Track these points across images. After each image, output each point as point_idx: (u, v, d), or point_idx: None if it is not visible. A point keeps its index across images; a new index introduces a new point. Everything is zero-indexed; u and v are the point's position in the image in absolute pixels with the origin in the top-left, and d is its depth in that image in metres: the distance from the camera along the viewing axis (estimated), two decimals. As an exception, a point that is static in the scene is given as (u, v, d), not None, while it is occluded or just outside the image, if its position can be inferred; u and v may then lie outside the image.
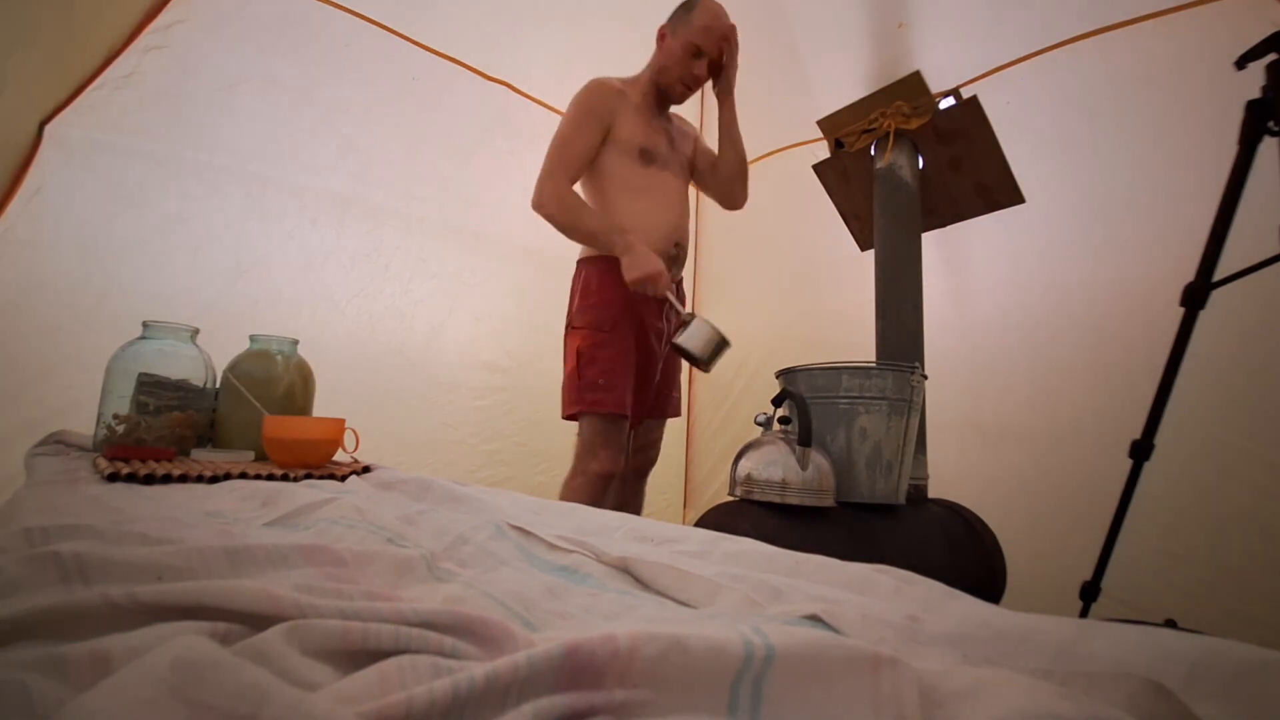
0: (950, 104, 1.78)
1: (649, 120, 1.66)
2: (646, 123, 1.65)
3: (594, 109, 1.58)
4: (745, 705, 0.29)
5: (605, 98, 1.60)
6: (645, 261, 1.44)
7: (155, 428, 1.20)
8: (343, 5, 2.11)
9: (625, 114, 1.61)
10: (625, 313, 1.56)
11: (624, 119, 1.61)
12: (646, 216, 1.58)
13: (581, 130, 1.56)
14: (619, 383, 1.51)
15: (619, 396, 1.51)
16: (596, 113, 1.57)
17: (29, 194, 1.67)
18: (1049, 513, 1.87)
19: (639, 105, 1.65)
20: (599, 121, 1.58)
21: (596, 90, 1.60)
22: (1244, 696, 0.30)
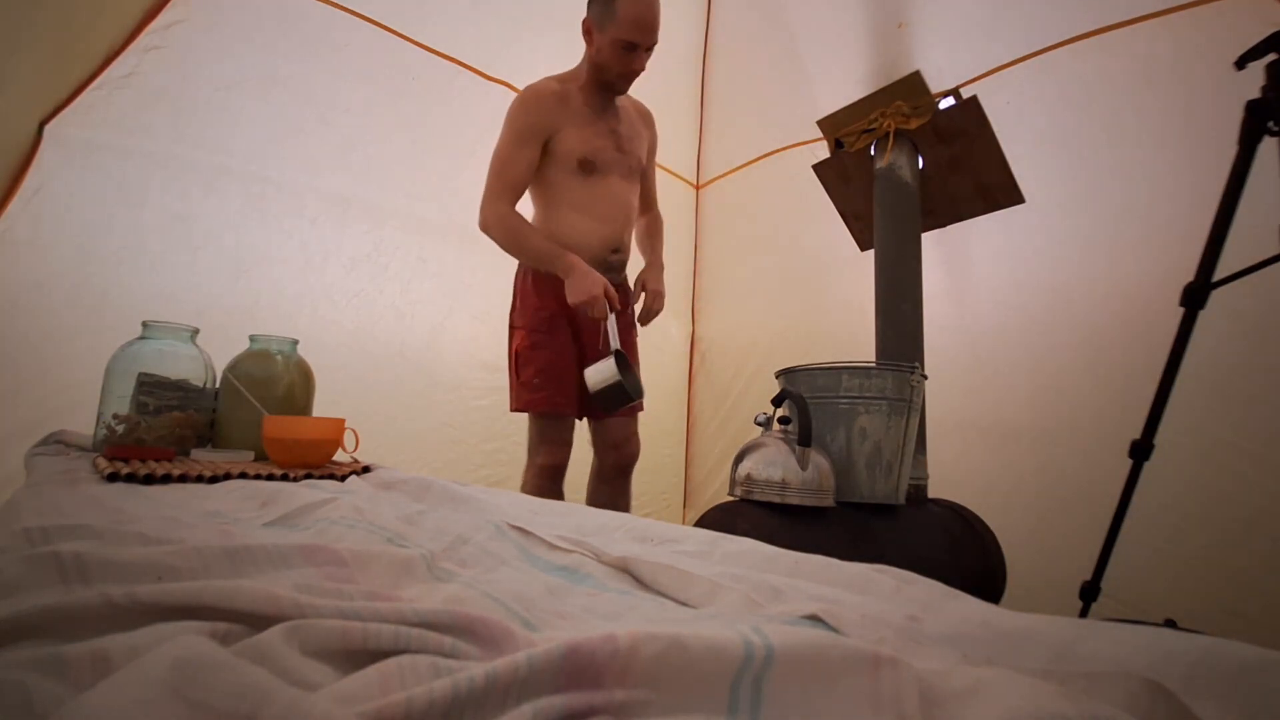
0: (950, 104, 1.78)
1: (591, 123, 1.59)
2: (589, 126, 1.58)
3: (530, 126, 1.55)
4: (745, 705, 0.29)
5: (540, 111, 1.56)
6: (587, 284, 1.45)
7: (155, 428, 1.20)
8: (343, 5, 2.11)
9: (565, 121, 1.56)
10: (561, 314, 1.58)
11: (564, 128, 1.56)
12: (584, 228, 1.59)
13: (519, 149, 1.55)
14: (552, 383, 1.57)
15: (551, 396, 1.57)
16: (533, 129, 1.56)
17: (29, 194, 1.67)
18: (1049, 513, 1.87)
19: (580, 106, 1.58)
20: (535, 137, 1.56)
21: (532, 103, 1.56)
22: (1244, 696, 0.30)
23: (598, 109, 1.60)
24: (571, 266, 1.48)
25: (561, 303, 1.56)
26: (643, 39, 1.49)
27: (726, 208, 3.06)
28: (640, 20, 1.47)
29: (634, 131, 1.67)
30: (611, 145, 1.61)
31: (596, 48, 1.53)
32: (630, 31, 1.47)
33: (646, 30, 1.49)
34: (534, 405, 1.59)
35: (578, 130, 1.57)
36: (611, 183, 1.61)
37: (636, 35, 1.48)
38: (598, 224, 1.60)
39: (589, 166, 1.58)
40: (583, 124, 1.58)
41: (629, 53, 1.50)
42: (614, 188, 1.62)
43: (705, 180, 3.12)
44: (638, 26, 1.47)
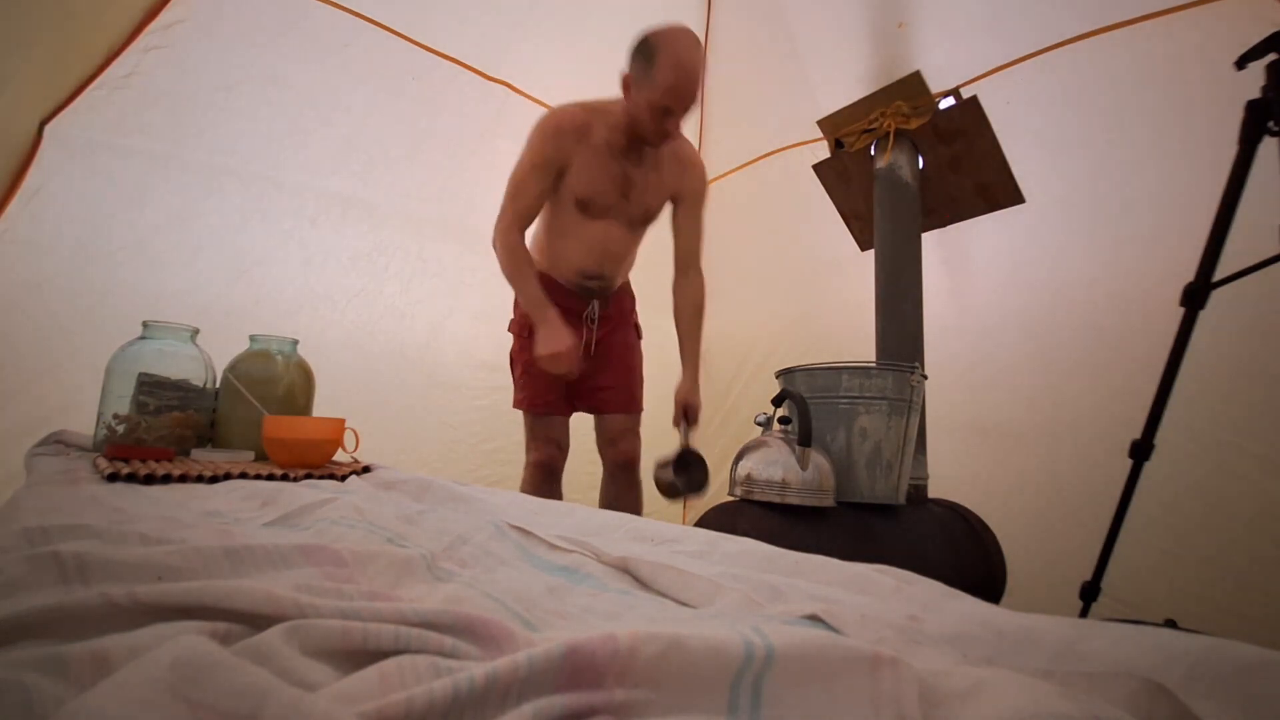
0: (950, 104, 1.78)
1: (605, 164, 1.57)
2: (601, 167, 1.56)
3: (546, 158, 1.55)
4: (745, 705, 0.29)
5: (559, 145, 1.55)
6: (554, 340, 1.49)
7: (155, 428, 1.20)
8: (343, 5, 2.11)
9: (580, 156, 1.55)
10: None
11: (576, 162, 1.56)
12: (565, 252, 1.65)
13: (532, 179, 1.56)
14: (535, 383, 1.66)
15: (532, 396, 1.68)
16: (548, 161, 1.55)
17: (29, 194, 1.67)
18: (1049, 513, 1.87)
19: (599, 143, 1.55)
20: (550, 166, 1.55)
21: (551, 135, 1.55)
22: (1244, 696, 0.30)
23: (618, 150, 1.57)
24: (545, 320, 1.52)
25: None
26: (679, 106, 1.46)
27: (726, 208, 3.05)
28: (678, 88, 1.43)
29: (656, 181, 1.63)
30: (616, 190, 1.59)
31: (633, 104, 1.49)
32: (666, 97, 1.44)
33: (683, 99, 1.45)
34: (520, 403, 1.72)
35: (587, 168, 1.56)
36: (607, 225, 1.62)
37: (673, 102, 1.44)
38: (579, 254, 1.64)
39: (585, 206, 1.59)
40: (594, 163, 1.56)
41: (666, 116, 1.47)
42: (608, 230, 1.62)
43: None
44: (675, 94, 1.44)
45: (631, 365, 1.76)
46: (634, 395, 1.76)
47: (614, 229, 1.63)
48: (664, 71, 1.42)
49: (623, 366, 1.74)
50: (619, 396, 1.74)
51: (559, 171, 1.57)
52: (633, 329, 1.79)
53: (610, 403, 1.73)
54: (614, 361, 1.72)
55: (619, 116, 1.55)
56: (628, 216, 1.63)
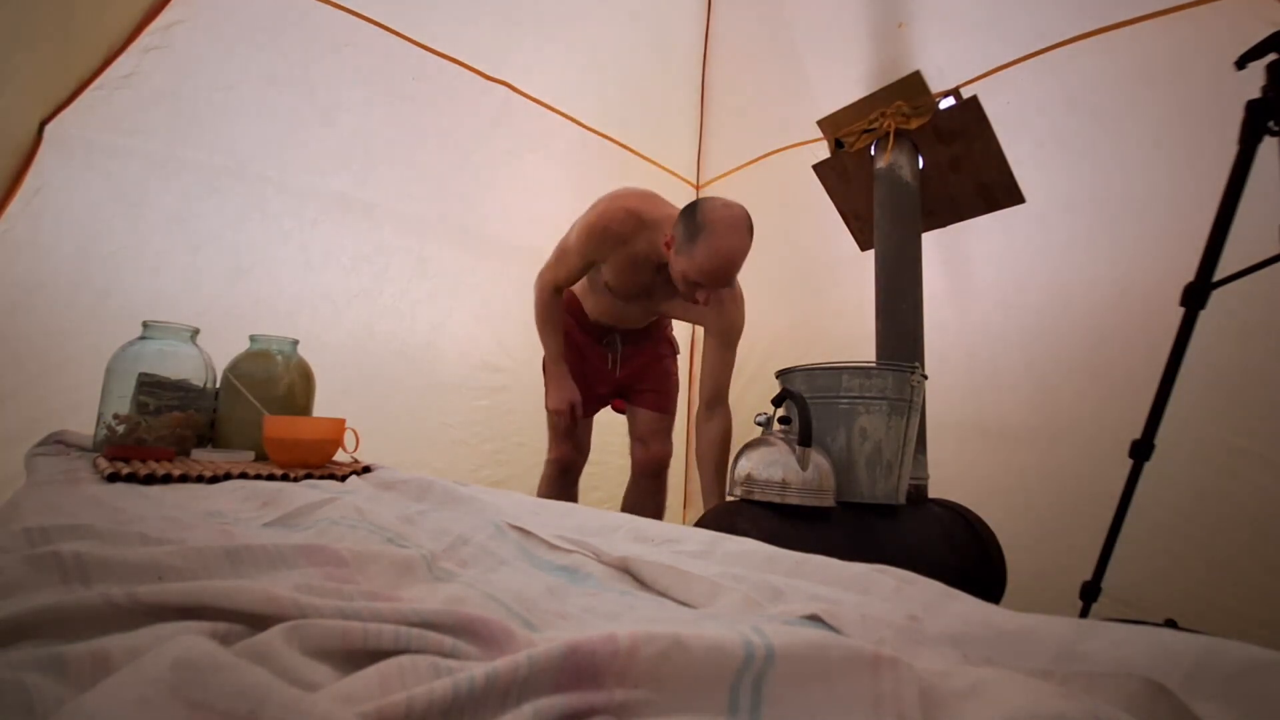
0: (950, 104, 1.78)
1: (638, 271, 1.60)
2: (634, 272, 1.61)
3: (586, 250, 1.60)
4: (745, 705, 0.29)
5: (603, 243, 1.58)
6: (560, 395, 1.70)
7: (155, 428, 1.20)
8: (343, 5, 2.11)
9: (617, 256, 1.59)
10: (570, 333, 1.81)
11: (613, 259, 1.60)
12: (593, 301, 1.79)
13: (578, 258, 1.63)
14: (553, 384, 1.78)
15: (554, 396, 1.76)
16: (589, 254, 1.61)
17: (29, 194, 1.67)
18: (1049, 513, 1.87)
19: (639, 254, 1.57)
20: (588, 259, 1.63)
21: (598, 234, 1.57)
22: (1244, 696, 0.30)
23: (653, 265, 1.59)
24: (557, 375, 1.72)
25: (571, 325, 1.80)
26: (712, 285, 1.43)
27: (726, 208, 3.05)
28: (714, 273, 1.40)
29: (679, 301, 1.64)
30: (642, 293, 1.68)
31: (671, 260, 1.47)
32: (701, 277, 1.41)
33: (718, 282, 1.43)
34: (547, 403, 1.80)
35: (621, 269, 1.61)
36: (634, 305, 1.74)
37: (707, 282, 1.42)
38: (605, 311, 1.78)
39: (612, 291, 1.70)
40: (629, 267, 1.60)
41: (695, 289, 1.45)
42: (625, 310, 1.76)
43: (705, 180, 3.12)
44: (710, 277, 1.41)
45: (667, 371, 1.87)
46: (670, 398, 1.86)
47: (640, 308, 1.76)
48: (704, 253, 1.39)
49: (658, 371, 1.85)
50: (653, 396, 1.84)
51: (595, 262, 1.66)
52: (665, 343, 1.91)
53: (645, 398, 1.83)
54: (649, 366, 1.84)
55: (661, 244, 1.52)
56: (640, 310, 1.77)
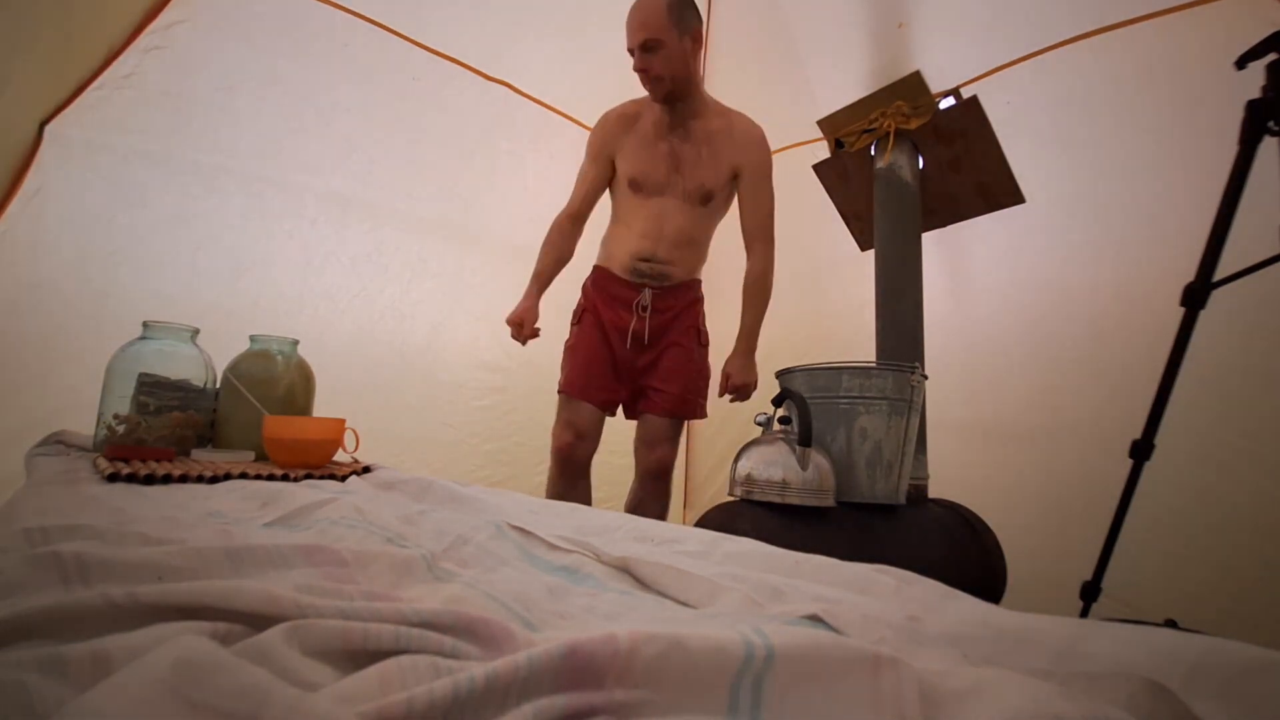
0: (950, 104, 1.78)
1: (651, 144, 1.66)
2: (648, 147, 1.66)
3: (594, 148, 1.72)
4: (745, 705, 0.29)
5: (604, 133, 1.71)
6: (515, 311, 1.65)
7: (155, 428, 1.20)
8: (343, 5, 2.11)
9: (628, 142, 1.68)
10: (590, 310, 1.74)
11: (625, 149, 1.68)
12: (620, 238, 1.73)
13: (587, 167, 1.74)
14: (571, 367, 1.73)
15: (565, 377, 1.72)
16: (597, 151, 1.72)
17: (29, 194, 1.67)
18: (1049, 513, 1.87)
19: (646, 127, 1.67)
20: (600, 158, 1.71)
21: (598, 126, 1.73)
22: (1244, 696, 0.30)
23: (664, 129, 1.66)
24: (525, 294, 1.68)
25: (592, 299, 1.74)
26: (629, 42, 1.58)
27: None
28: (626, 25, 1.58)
29: (706, 155, 1.66)
30: (665, 167, 1.66)
31: None
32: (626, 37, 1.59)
33: (629, 34, 1.58)
34: (559, 386, 1.74)
35: (635, 151, 1.67)
36: (661, 202, 1.67)
37: (627, 39, 1.59)
38: (633, 237, 1.69)
39: (637, 186, 1.68)
40: (642, 145, 1.67)
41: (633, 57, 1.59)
42: (662, 207, 1.67)
43: (705, 180, 3.12)
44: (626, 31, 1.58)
45: (687, 372, 1.71)
46: (683, 401, 1.70)
47: (670, 206, 1.67)
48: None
49: (677, 371, 1.69)
50: (664, 400, 1.69)
51: (610, 160, 1.70)
52: (694, 333, 1.74)
53: (654, 404, 1.69)
54: (668, 363, 1.70)
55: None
56: (683, 192, 1.67)
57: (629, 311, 1.68)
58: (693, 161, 1.66)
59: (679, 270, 1.71)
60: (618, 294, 1.70)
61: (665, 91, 1.61)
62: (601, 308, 1.72)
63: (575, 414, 1.67)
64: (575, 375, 1.70)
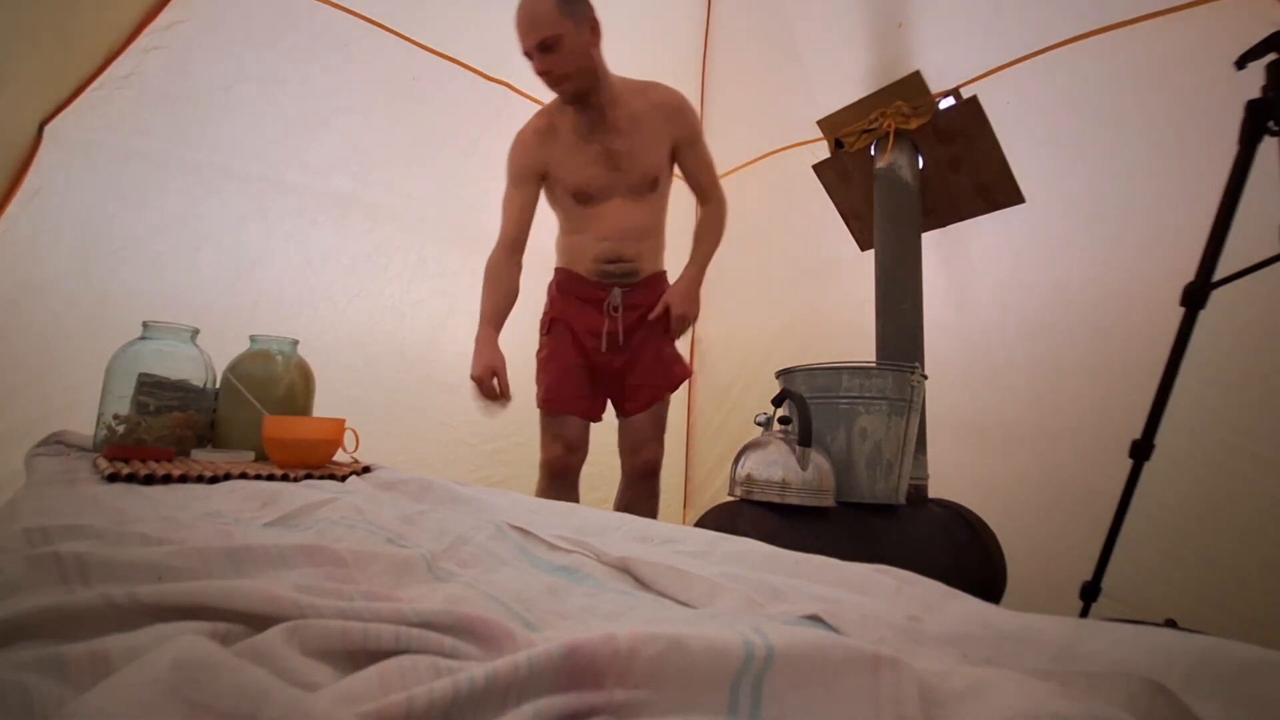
0: (950, 104, 1.79)
1: (580, 150, 1.57)
2: (578, 154, 1.57)
3: (516, 171, 1.61)
4: (745, 705, 0.29)
5: (524, 153, 1.60)
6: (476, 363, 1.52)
7: (155, 428, 1.21)
8: (343, 5, 2.11)
9: (552, 155, 1.58)
10: (560, 318, 1.68)
11: (554, 163, 1.59)
12: (579, 246, 1.66)
13: (511, 192, 1.62)
14: (548, 381, 1.67)
15: (545, 393, 1.67)
16: (520, 172, 1.60)
17: (29, 194, 1.67)
18: (1049, 513, 1.87)
19: (568, 134, 1.57)
20: (525, 180, 1.60)
21: (516, 148, 1.61)
22: (1244, 696, 0.30)
23: (586, 131, 1.57)
24: (477, 340, 1.55)
25: (559, 305, 1.67)
26: (522, 45, 1.45)
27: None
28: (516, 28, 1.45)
29: (640, 143, 1.59)
30: (604, 169, 1.58)
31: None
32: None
33: (520, 36, 1.44)
34: (537, 401, 1.69)
35: (566, 162, 1.58)
36: (611, 205, 1.60)
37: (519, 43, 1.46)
38: (591, 243, 1.63)
39: (582, 197, 1.60)
40: (571, 153, 1.58)
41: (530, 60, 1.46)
42: (613, 208, 1.60)
43: (705, 180, 3.12)
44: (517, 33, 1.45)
45: (664, 360, 1.67)
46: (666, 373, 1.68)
47: (620, 206, 1.60)
48: None
49: (656, 366, 1.66)
50: (646, 397, 1.67)
51: (539, 178, 1.60)
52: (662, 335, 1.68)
53: (637, 397, 1.66)
54: (646, 359, 1.65)
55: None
56: (629, 187, 1.60)
57: (600, 313, 1.63)
58: (628, 153, 1.58)
59: (645, 264, 1.66)
60: (587, 296, 1.64)
61: (574, 90, 1.50)
62: (572, 314, 1.66)
63: (561, 427, 1.64)
64: (555, 389, 1.65)
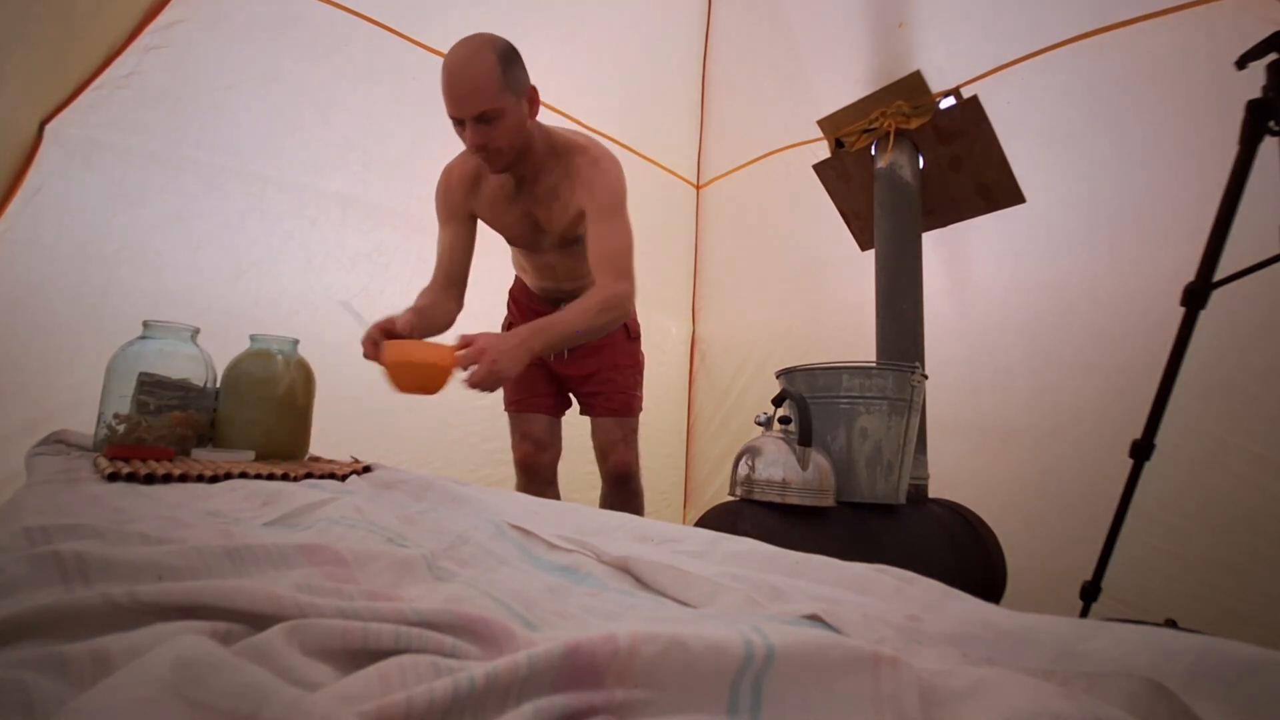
0: (950, 103, 1.78)
1: (504, 206, 1.51)
2: (502, 209, 1.51)
3: (444, 213, 1.55)
4: (745, 705, 0.29)
5: (449, 196, 1.53)
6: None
7: (156, 427, 1.21)
8: (343, 5, 2.11)
9: (481, 203, 1.52)
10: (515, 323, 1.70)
11: (482, 209, 1.53)
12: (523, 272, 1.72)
13: (442, 233, 1.56)
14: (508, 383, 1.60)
15: (507, 394, 1.71)
16: (447, 215, 1.55)
17: (29, 194, 1.67)
18: (1049, 513, 1.87)
19: (494, 188, 1.50)
20: (454, 220, 1.54)
21: (441, 189, 1.54)
22: (1244, 696, 0.30)
23: (511, 192, 1.50)
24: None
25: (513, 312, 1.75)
26: (453, 113, 1.30)
27: (727, 208, 3.06)
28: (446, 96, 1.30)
29: (557, 209, 1.49)
30: (526, 229, 1.53)
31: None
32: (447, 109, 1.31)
33: (452, 105, 1.30)
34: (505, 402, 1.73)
35: (490, 215, 1.55)
36: (543, 255, 1.60)
37: (449, 111, 1.31)
38: (534, 276, 1.69)
39: (511, 241, 1.61)
40: (494, 209, 1.53)
41: (461, 131, 1.33)
42: (546, 258, 1.60)
43: (705, 180, 3.12)
44: (447, 102, 1.30)
45: (618, 364, 1.69)
46: (625, 396, 1.70)
47: (553, 256, 1.59)
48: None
49: (609, 365, 1.67)
50: (606, 400, 1.68)
51: (468, 217, 1.56)
52: (623, 329, 1.71)
53: (598, 406, 1.69)
54: (601, 360, 1.67)
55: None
56: (551, 245, 1.56)
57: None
58: (546, 219, 1.51)
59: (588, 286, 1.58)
60: (539, 310, 1.66)
61: (507, 163, 1.39)
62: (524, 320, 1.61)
63: (528, 425, 1.68)
64: (515, 389, 1.68)
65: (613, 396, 1.69)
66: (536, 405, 1.68)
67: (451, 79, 1.29)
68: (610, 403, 1.69)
